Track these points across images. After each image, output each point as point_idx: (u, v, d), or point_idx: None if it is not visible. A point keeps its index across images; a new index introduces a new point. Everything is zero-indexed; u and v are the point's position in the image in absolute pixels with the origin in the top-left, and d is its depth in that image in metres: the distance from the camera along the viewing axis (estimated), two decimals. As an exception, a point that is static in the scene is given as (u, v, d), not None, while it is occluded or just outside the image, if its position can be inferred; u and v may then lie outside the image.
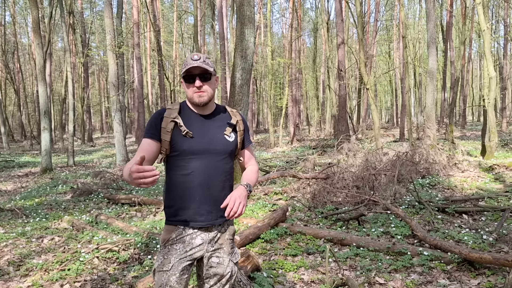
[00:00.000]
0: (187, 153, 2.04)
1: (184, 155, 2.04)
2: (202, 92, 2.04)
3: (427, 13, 13.38)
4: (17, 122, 41.50)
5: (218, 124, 2.15)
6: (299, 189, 7.95)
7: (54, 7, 19.50)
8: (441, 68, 28.64)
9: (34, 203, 8.50)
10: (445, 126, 23.55)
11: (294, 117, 26.04)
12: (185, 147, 2.03)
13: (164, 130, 2.02)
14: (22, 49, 39.74)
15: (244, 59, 8.40)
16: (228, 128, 2.15)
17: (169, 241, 2.05)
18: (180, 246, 2.05)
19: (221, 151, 2.09)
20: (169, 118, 2.04)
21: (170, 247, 2.05)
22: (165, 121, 2.04)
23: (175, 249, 2.04)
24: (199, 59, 2.02)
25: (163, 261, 2.03)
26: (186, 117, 2.09)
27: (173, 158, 2.07)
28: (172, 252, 2.04)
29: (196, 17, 17.49)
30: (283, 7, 38.69)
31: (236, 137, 2.18)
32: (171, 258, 2.03)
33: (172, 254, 2.03)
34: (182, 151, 2.03)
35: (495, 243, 4.53)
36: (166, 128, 2.02)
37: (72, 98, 16.70)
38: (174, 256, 2.03)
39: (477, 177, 8.81)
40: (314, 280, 3.87)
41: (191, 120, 2.09)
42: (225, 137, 2.12)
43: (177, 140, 2.03)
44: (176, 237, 2.05)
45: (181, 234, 2.06)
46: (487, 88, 11.87)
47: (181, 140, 2.03)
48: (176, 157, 2.05)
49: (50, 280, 4.05)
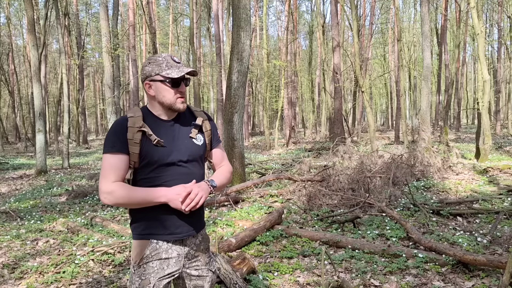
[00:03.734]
0: (159, 164, 1.86)
1: (155, 165, 1.86)
2: (183, 98, 1.90)
3: (422, 16, 13.48)
4: (11, 124, 41.30)
5: (185, 128, 1.97)
6: (295, 191, 7.96)
7: (50, 9, 19.45)
8: (435, 71, 28.81)
9: (29, 205, 8.46)
10: (439, 129, 23.68)
11: (289, 120, 26.08)
12: (156, 158, 1.84)
13: (132, 142, 1.81)
14: (17, 51, 39.53)
15: (240, 62, 8.42)
16: (193, 130, 1.98)
17: (143, 259, 1.88)
18: (157, 264, 1.88)
19: (191, 157, 1.93)
20: (135, 128, 1.82)
21: (146, 265, 1.88)
22: (130, 131, 1.81)
23: (152, 267, 1.88)
24: (180, 61, 1.91)
25: (141, 283, 1.86)
26: (152, 124, 1.88)
27: (142, 170, 1.87)
28: (150, 271, 1.87)
29: (192, 20, 17.51)
30: (279, 10, 38.77)
31: (204, 139, 2.02)
32: (150, 278, 1.87)
33: (149, 274, 1.87)
34: (153, 162, 1.85)
35: (489, 245, 4.56)
36: (133, 140, 1.81)
37: (67, 100, 16.64)
38: (152, 276, 1.87)
39: (472, 180, 8.87)
40: (309, 283, 3.88)
41: (158, 127, 1.89)
42: (193, 141, 1.96)
43: (147, 151, 1.84)
44: (151, 254, 1.88)
45: (156, 249, 1.89)
46: (481, 91, 11.97)
47: (152, 151, 1.84)
48: (146, 168, 1.87)
49: (45, 283, 4.03)
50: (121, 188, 1.80)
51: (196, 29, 26.13)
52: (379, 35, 35.61)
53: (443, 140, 16.44)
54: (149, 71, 1.88)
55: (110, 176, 1.80)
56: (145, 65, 1.92)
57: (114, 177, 1.80)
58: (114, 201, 1.79)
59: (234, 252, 4.68)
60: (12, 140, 37.43)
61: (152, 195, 1.80)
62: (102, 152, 1.85)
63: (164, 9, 42.01)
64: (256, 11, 28.74)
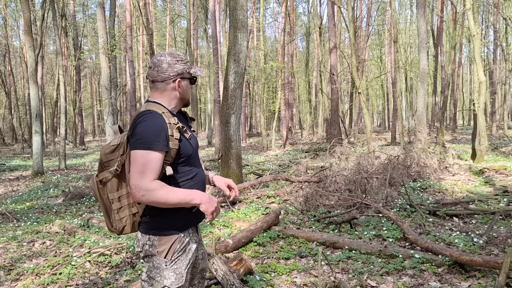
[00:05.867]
0: (192, 157, 1.98)
1: (190, 159, 1.97)
2: None
3: (418, 18, 13.53)
4: (8, 125, 41.11)
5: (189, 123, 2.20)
6: (292, 192, 7.97)
7: (47, 10, 19.39)
8: (432, 72, 28.92)
9: (25, 207, 8.43)
10: (436, 130, 23.76)
11: (287, 121, 26.11)
12: (191, 151, 1.96)
13: (172, 138, 1.86)
14: (13, 52, 39.40)
15: (237, 63, 8.43)
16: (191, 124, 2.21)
17: (175, 253, 1.94)
18: (184, 256, 1.97)
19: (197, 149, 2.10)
20: (173, 125, 1.87)
21: (177, 259, 1.94)
22: (170, 128, 1.86)
23: (181, 261, 1.95)
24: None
25: (177, 277, 1.92)
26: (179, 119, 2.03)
27: (177, 165, 1.94)
28: (181, 265, 1.95)
29: (189, 21, 17.51)
30: (276, 12, 38.82)
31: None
32: (182, 272, 1.94)
33: (181, 267, 1.94)
34: (188, 156, 1.95)
35: (485, 246, 4.58)
36: (174, 136, 1.86)
37: (64, 101, 16.60)
38: (183, 268, 1.95)
39: (468, 181, 8.90)
40: (306, 283, 3.89)
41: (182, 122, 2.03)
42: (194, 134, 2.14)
43: (184, 146, 1.92)
44: (180, 247, 1.95)
45: (183, 242, 1.96)
46: (477, 93, 12.01)
47: (187, 145, 1.94)
48: (181, 163, 1.95)
49: (41, 284, 4.02)
50: (162, 188, 1.80)
51: (193, 30, 26.15)
52: (376, 36, 35.73)
53: (439, 141, 16.50)
54: (181, 69, 1.98)
55: (150, 175, 1.78)
56: (173, 63, 1.96)
57: (154, 176, 1.80)
58: (152, 200, 1.79)
59: (231, 253, 4.68)
60: (9, 141, 37.27)
61: (189, 196, 1.86)
62: (133, 148, 1.81)
63: (161, 10, 42.01)
64: (253, 12, 28.77)
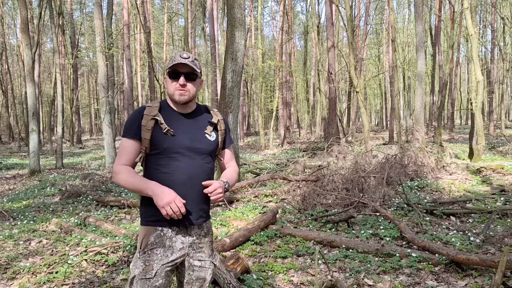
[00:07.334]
0: (168, 152, 1.99)
1: (165, 153, 2.00)
2: (184, 90, 2.02)
3: (416, 17, 13.54)
4: (5, 124, 40.95)
5: (199, 123, 2.12)
6: (289, 191, 7.97)
7: (43, 8, 19.30)
8: (429, 71, 28.97)
9: (22, 205, 8.40)
10: (433, 129, 23.81)
11: (284, 120, 26.10)
12: (166, 145, 1.98)
13: (144, 128, 1.98)
14: (10, 50, 39.25)
15: (234, 62, 8.42)
16: (209, 127, 2.12)
17: (148, 245, 1.97)
18: (161, 251, 1.97)
19: (202, 150, 2.05)
20: (149, 116, 1.99)
21: (151, 252, 1.96)
22: (145, 119, 1.99)
23: (156, 254, 1.96)
24: (188, 57, 2.01)
25: (145, 268, 1.95)
26: (167, 115, 2.05)
27: (153, 157, 2.02)
28: (153, 258, 1.96)
29: (186, 19, 17.47)
30: (274, 10, 38.75)
31: (217, 137, 2.15)
32: (153, 265, 1.95)
33: (153, 260, 1.95)
34: (163, 149, 1.99)
35: (482, 245, 4.58)
36: (146, 126, 1.98)
37: (61, 99, 16.54)
38: (156, 262, 1.95)
39: (465, 180, 8.92)
40: (303, 282, 3.89)
41: (172, 118, 2.05)
42: (206, 136, 2.09)
43: (158, 138, 1.99)
44: (155, 241, 1.97)
45: (160, 236, 1.98)
46: (475, 92, 12.04)
47: (162, 138, 1.99)
48: (157, 155, 2.01)
49: (37, 283, 4.00)
50: (126, 172, 1.98)
51: (191, 28, 26.11)
52: (374, 35, 35.76)
53: (437, 140, 16.54)
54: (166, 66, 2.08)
55: (122, 159, 2.01)
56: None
57: (124, 160, 2.01)
58: (118, 181, 1.98)
59: (228, 252, 4.67)
60: (6, 139, 37.15)
61: (143, 185, 1.94)
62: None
63: (159, 9, 41.94)
64: (251, 11, 28.74)
